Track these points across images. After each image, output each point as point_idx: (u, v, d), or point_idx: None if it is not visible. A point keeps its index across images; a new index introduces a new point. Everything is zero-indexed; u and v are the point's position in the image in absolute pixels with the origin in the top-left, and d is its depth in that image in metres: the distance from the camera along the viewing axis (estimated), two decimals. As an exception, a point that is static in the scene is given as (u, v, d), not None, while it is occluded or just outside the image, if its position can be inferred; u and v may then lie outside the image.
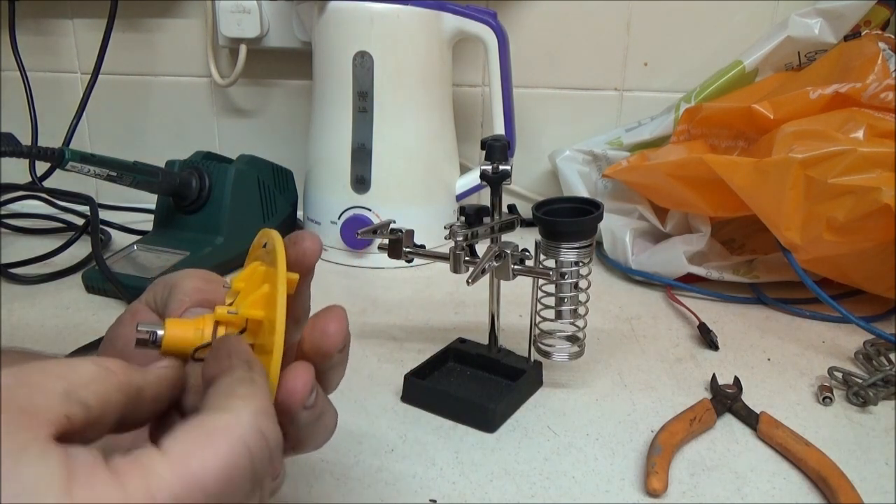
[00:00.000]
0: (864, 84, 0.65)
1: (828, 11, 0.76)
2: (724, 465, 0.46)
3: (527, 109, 0.90)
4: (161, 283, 0.35)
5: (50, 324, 0.64)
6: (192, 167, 0.77)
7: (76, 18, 0.94)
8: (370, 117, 0.75)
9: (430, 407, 0.51)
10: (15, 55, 0.90)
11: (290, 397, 0.29)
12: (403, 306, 0.69)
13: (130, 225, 0.87)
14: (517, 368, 0.54)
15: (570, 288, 0.51)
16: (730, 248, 0.76)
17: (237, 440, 0.24)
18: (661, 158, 0.72)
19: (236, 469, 0.23)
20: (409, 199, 0.79)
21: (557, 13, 0.88)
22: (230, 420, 0.24)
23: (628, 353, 0.60)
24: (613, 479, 0.45)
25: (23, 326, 0.63)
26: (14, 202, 0.94)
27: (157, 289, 0.35)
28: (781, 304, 0.69)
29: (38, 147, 0.65)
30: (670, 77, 0.89)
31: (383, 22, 0.73)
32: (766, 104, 0.68)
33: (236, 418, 0.24)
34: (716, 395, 0.52)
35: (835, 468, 0.44)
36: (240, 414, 0.24)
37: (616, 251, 0.77)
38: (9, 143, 0.63)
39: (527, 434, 0.49)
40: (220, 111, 0.97)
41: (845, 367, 0.56)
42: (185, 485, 0.22)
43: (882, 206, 0.58)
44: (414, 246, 0.55)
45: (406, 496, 0.43)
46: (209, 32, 0.91)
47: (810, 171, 0.61)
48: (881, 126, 0.62)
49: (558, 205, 0.52)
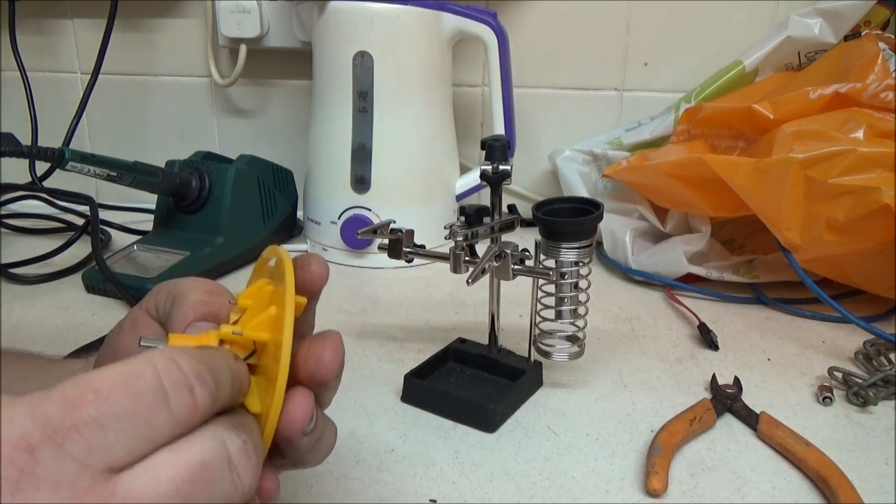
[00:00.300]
0: (864, 84, 0.65)
1: (828, 11, 0.76)
2: (724, 465, 0.46)
3: (527, 109, 0.90)
4: (164, 291, 0.34)
5: (50, 324, 0.64)
6: (192, 167, 0.77)
7: (76, 18, 0.94)
8: (370, 117, 0.75)
9: (430, 407, 0.51)
10: (15, 55, 0.90)
11: (291, 426, 0.29)
12: (403, 306, 0.69)
13: (130, 225, 0.87)
14: (517, 368, 0.54)
15: (570, 288, 0.51)
16: (730, 248, 0.76)
17: (141, 360, 0.23)
18: (661, 158, 0.72)
19: (135, 378, 0.22)
20: (409, 199, 0.79)
21: (557, 13, 0.88)
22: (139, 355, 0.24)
23: (628, 353, 0.60)
24: (613, 479, 0.45)
25: (23, 326, 0.63)
26: (14, 202, 0.94)
27: (159, 296, 0.34)
28: (781, 304, 0.69)
29: (38, 147, 0.65)
30: (670, 77, 0.89)
31: (383, 22, 0.73)
32: (766, 104, 0.68)
33: (146, 354, 0.24)
34: (716, 395, 0.52)
35: (835, 468, 0.44)
36: (152, 352, 0.24)
37: (616, 251, 0.77)
38: (9, 143, 0.63)
39: (527, 434, 0.49)
40: (220, 111, 0.97)
41: (845, 367, 0.56)
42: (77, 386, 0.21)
43: (882, 206, 0.58)
44: (414, 246, 0.55)
45: (406, 496, 0.43)
46: (209, 32, 0.91)
47: (810, 171, 0.61)
48: (881, 126, 0.62)
49: (558, 205, 0.52)
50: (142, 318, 0.34)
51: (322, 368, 0.30)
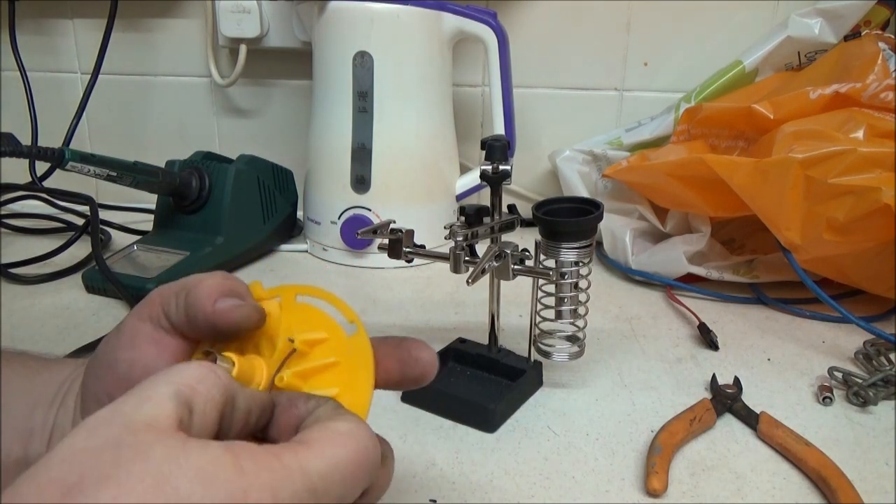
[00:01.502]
0: (864, 84, 0.65)
1: (828, 11, 0.76)
2: (724, 465, 0.46)
3: (527, 109, 0.90)
4: (169, 294, 0.33)
5: (50, 324, 0.64)
6: (192, 167, 0.77)
7: (76, 18, 0.94)
8: (370, 117, 0.75)
9: (430, 407, 0.51)
10: (15, 55, 0.90)
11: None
12: (403, 306, 0.69)
13: (130, 225, 0.87)
14: (517, 368, 0.54)
15: (570, 288, 0.51)
16: (730, 248, 0.76)
17: (363, 439, 0.27)
18: (661, 158, 0.72)
19: (361, 465, 0.26)
20: (409, 199, 0.79)
21: (557, 13, 0.88)
22: (353, 427, 0.27)
23: (628, 353, 0.60)
24: (613, 479, 0.45)
25: (23, 326, 0.63)
26: (14, 202, 0.94)
27: (166, 300, 0.33)
28: (781, 304, 0.69)
29: (38, 147, 0.65)
30: (670, 77, 0.89)
31: (383, 22, 0.73)
32: (766, 104, 0.68)
33: (358, 426, 0.27)
34: (716, 395, 0.52)
35: (835, 468, 0.44)
36: (359, 424, 0.27)
37: (616, 251, 0.77)
38: (9, 143, 0.63)
39: (527, 434, 0.49)
40: (220, 111, 0.97)
41: (845, 367, 0.56)
42: (327, 466, 0.25)
43: (882, 206, 0.58)
44: (414, 246, 0.55)
45: (406, 496, 0.43)
46: (209, 32, 0.91)
47: (810, 171, 0.61)
48: (881, 126, 0.62)
49: (558, 205, 0.52)
50: (142, 330, 0.33)
51: (422, 367, 0.33)
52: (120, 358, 0.33)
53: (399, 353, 0.33)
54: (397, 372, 0.33)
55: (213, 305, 0.32)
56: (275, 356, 0.32)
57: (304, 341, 0.32)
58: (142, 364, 0.32)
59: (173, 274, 0.69)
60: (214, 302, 0.32)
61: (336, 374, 0.32)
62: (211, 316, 0.32)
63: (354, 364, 0.32)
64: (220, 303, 0.32)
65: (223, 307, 0.32)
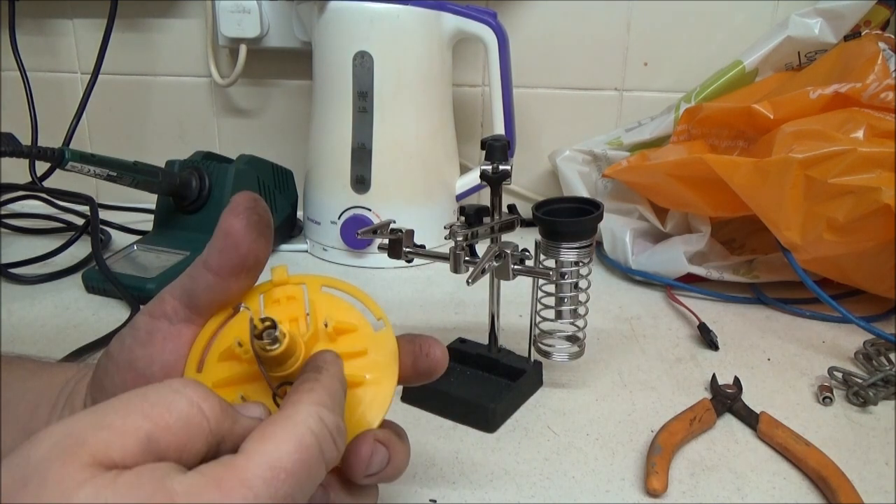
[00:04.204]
0: (864, 84, 0.65)
1: (828, 11, 0.76)
2: (724, 465, 0.46)
3: (527, 109, 0.90)
4: (185, 277, 0.33)
5: (50, 324, 0.64)
6: (192, 167, 0.77)
7: (76, 18, 0.94)
8: (370, 117, 0.75)
9: (430, 407, 0.51)
10: (15, 55, 0.90)
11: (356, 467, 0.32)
12: (403, 306, 0.69)
13: (130, 225, 0.87)
14: (517, 368, 0.54)
15: (570, 288, 0.51)
16: (730, 248, 0.76)
17: (300, 425, 0.26)
18: (661, 158, 0.72)
19: (307, 449, 0.25)
20: (409, 199, 0.79)
21: (557, 13, 0.88)
22: (290, 412, 0.26)
23: (628, 353, 0.60)
24: (613, 479, 0.45)
25: (23, 326, 0.63)
26: (14, 202, 0.94)
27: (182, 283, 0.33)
28: (781, 304, 0.69)
29: (38, 147, 0.65)
30: (670, 77, 0.89)
31: (383, 22, 0.73)
32: (766, 104, 0.68)
33: (295, 411, 0.27)
34: (716, 395, 0.52)
35: (835, 468, 0.44)
36: (298, 408, 0.27)
37: (616, 251, 0.77)
38: (9, 143, 0.63)
39: (527, 434, 0.49)
40: (220, 111, 0.97)
41: (845, 367, 0.56)
42: (270, 468, 0.24)
43: (882, 206, 0.58)
44: (414, 246, 0.55)
45: (406, 496, 0.43)
46: (209, 32, 0.91)
47: (810, 171, 0.61)
48: (881, 126, 0.62)
49: (558, 205, 0.52)
50: (158, 326, 0.33)
51: (435, 362, 0.35)
52: (137, 355, 0.33)
53: (412, 347, 0.35)
54: (409, 366, 0.34)
55: (239, 219, 0.32)
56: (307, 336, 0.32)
57: (335, 328, 0.33)
58: (160, 360, 0.33)
59: (173, 274, 0.69)
60: (239, 215, 0.32)
61: (362, 364, 0.33)
62: (243, 231, 0.32)
63: (381, 359, 0.33)
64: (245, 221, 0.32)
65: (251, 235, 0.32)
